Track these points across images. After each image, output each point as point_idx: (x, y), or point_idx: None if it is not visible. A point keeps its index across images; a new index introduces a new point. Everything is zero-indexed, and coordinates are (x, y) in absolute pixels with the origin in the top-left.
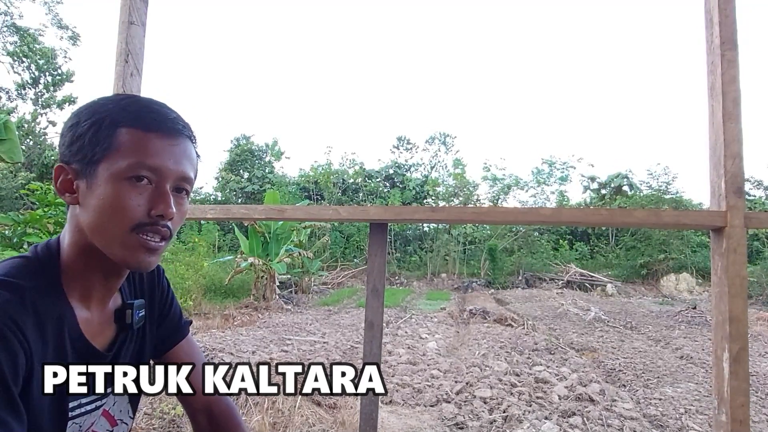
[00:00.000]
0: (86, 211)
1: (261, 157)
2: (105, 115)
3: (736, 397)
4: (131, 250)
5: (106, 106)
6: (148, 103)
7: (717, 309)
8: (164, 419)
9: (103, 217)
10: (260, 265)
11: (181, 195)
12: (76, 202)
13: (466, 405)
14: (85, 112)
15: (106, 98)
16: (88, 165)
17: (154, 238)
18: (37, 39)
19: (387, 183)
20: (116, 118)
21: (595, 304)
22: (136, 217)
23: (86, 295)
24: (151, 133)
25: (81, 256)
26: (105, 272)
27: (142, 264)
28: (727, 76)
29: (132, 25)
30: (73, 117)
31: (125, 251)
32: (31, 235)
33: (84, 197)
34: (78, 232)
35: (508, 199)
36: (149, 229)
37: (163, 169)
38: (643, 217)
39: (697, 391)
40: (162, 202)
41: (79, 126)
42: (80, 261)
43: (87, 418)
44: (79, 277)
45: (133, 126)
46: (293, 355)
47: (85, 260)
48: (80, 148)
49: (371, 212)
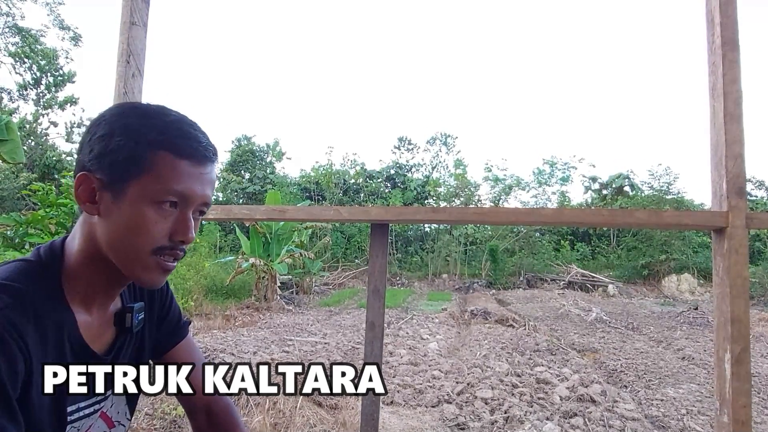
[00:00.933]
0: (107, 224)
1: (262, 157)
2: (142, 134)
3: (738, 398)
4: (148, 271)
5: (143, 124)
6: (183, 125)
7: (719, 310)
8: (165, 419)
9: (126, 236)
10: (261, 266)
11: (198, 217)
12: (96, 213)
13: (467, 406)
14: (119, 126)
15: (139, 110)
16: (117, 181)
17: (170, 260)
18: (38, 40)
19: (388, 183)
20: (154, 140)
21: (597, 304)
22: (158, 241)
23: (88, 299)
24: (185, 160)
25: (89, 264)
26: (111, 281)
27: (156, 283)
28: (729, 77)
29: (134, 25)
30: (104, 126)
31: (142, 271)
32: (33, 235)
33: (107, 210)
34: (91, 242)
35: (510, 199)
36: (168, 252)
37: (191, 195)
38: (645, 217)
39: (698, 392)
40: (185, 228)
41: (113, 140)
42: (87, 268)
43: (85, 422)
44: (83, 282)
45: (169, 150)
46: (294, 355)
47: (92, 268)
48: (112, 163)
49: (372, 213)
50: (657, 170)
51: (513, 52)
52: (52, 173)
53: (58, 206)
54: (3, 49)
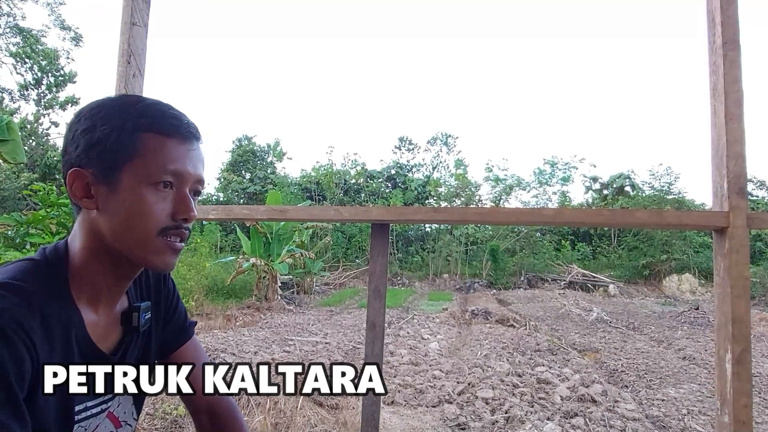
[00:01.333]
0: (108, 216)
1: (263, 157)
2: (125, 120)
3: (739, 398)
4: (158, 253)
5: (124, 111)
6: (163, 107)
7: (719, 310)
8: (166, 419)
9: (129, 223)
10: (262, 266)
11: (195, 197)
12: (94, 207)
13: (468, 406)
14: (100, 116)
15: (117, 101)
16: (109, 170)
17: (177, 240)
18: (39, 40)
19: (389, 183)
20: (137, 124)
21: (598, 304)
22: (162, 222)
23: (94, 298)
24: (172, 139)
25: (93, 260)
26: (117, 276)
27: (168, 265)
28: (730, 77)
29: (134, 26)
30: (86, 120)
31: (152, 254)
32: (34, 235)
33: (105, 202)
34: (93, 237)
35: (510, 199)
36: (173, 233)
37: (184, 173)
38: (646, 217)
39: (699, 392)
40: (185, 206)
41: (96, 130)
42: (92, 265)
43: (92, 421)
44: (89, 280)
45: (155, 131)
46: (295, 355)
47: (96, 264)
48: (100, 153)
49: (373, 213)
50: (658, 170)
51: (514, 52)
52: (53, 173)
53: (59, 206)
54: (4, 49)
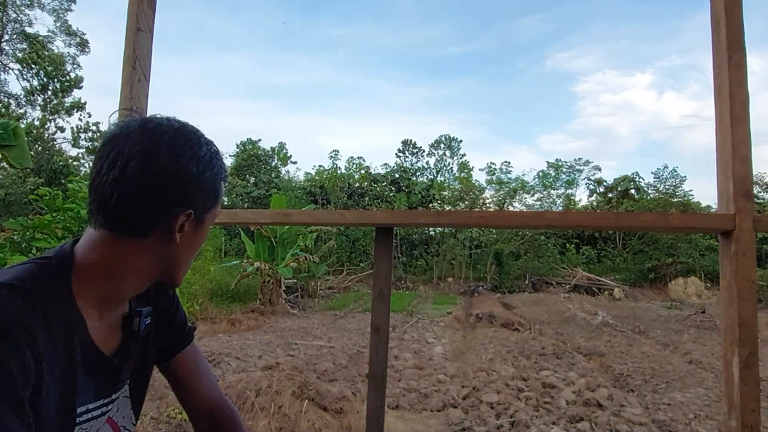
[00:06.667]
0: (180, 250)
1: (267, 161)
2: (219, 168)
3: (747, 403)
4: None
5: (218, 158)
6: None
7: (726, 313)
8: (171, 423)
9: (192, 255)
10: (266, 270)
11: None
12: (178, 242)
13: (472, 410)
14: (204, 161)
15: (205, 140)
16: (203, 212)
17: None
18: (46, 46)
19: (393, 187)
20: (223, 172)
21: (603, 308)
22: None
23: (98, 303)
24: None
25: (111, 280)
26: (131, 291)
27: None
28: (735, 79)
29: (139, 31)
30: (196, 161)
31: (183, 277)
32: (40, 239)
33: (187, 239)
34: (124, 262)
35: (515, 202)
36: None
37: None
38: (651, 220)
39: (706, 396)
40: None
41: (204, 175)
42: (106, 283)
43: (93, 424)
44: (96, 289)
45: (225, 180)
46: (300, 359)
47: (113, 283)
48: (205, 196)
49: (377, 216)
50: (663, 173)
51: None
52: (59, 178)
53: (64, 211)
54: (11, 55)
